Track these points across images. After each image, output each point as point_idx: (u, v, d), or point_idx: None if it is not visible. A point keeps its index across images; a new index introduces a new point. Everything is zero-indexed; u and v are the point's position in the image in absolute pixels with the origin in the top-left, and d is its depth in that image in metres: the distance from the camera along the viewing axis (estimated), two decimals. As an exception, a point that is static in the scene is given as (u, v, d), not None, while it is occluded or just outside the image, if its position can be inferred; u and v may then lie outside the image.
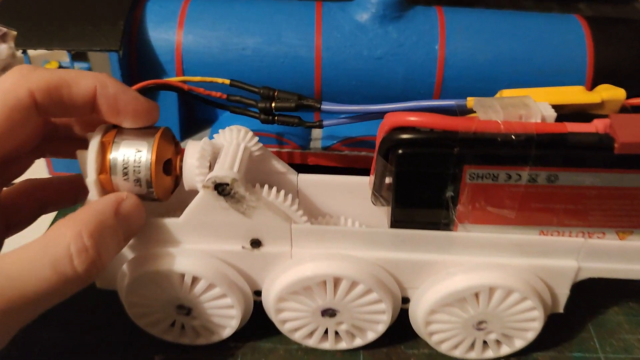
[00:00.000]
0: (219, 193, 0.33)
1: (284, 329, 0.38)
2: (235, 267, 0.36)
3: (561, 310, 0.37)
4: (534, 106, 0.32)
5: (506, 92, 0.34)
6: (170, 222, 0.35)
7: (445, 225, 0.34)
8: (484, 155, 0.31)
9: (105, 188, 0.34)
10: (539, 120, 0.31)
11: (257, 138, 0.36)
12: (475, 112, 0.33)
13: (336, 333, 0.38)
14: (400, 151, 0.31)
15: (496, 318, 0.36)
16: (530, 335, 0.37)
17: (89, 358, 0.38)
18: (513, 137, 0.31)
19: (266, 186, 0.34)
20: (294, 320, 0.37)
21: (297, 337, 0.38)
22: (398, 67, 0.44)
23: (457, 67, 0.44)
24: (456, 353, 0.38)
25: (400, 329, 0.38)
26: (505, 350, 0.38)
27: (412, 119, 0.31)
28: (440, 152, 0.31)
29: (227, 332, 0.38)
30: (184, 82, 0.38)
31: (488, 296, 0.35)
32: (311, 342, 0.38)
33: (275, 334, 0.38)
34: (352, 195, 0.38)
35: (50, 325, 0.40)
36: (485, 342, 0.38)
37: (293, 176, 0.38)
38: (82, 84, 0.32)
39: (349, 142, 0.46)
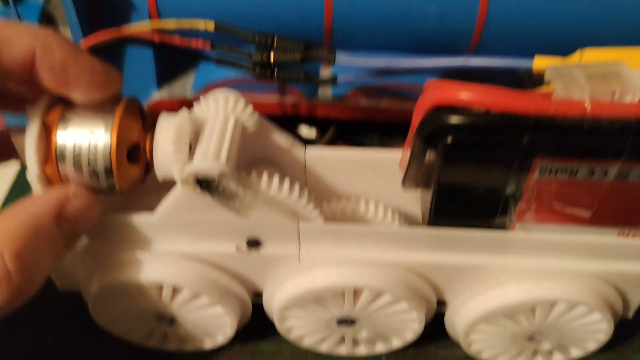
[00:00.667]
0: (203, 189, 0.25)
1: (291, 336, 0.31)
2: (228, 270, 0.28)
3: (630, 316, 0.30)
4: (630, 77, 0.23)
5: (590, 53, 0.25)
6: (141, 219, 0.27)
7: (500, 224, 0.26)
8: (563, 145, 0.23)
9: (53, 180, 0.26)
10: (637, 99, 0.23)
11: (251, 107, 0.27)
12: (543, 79, 0.24)
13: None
14: (449, 140, 0.23)
15: (554, 330, 0.29)
16: (592, 346, 0.30)
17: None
18: (604, 123, 0.22)
19: (265, 176, 0.26)
20: (302, 328, 0.30)
21: (306, 343, 0.31)
22: (430, 2, 0.34)
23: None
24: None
25: (431, 326, 0.31)
26: (557, 358, 0.31)
27: (466, 96, 0.23)
28: (505, 142, 0.23)
29: (219, 340, 0.31)
30: (156, 30, 0.29)
31: (547, 310, 0.27)
32: (324, 348, 0.32)
33: (280, 334, 0.31)
34: (373, 173, 0.30)
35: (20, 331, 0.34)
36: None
37: (299, 151, 0.30)
38: (16, 46, 0.23)
39: (366, 90, 0.37)
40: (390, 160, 0.29)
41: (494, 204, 0.26)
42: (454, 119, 0.23)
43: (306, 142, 0.30)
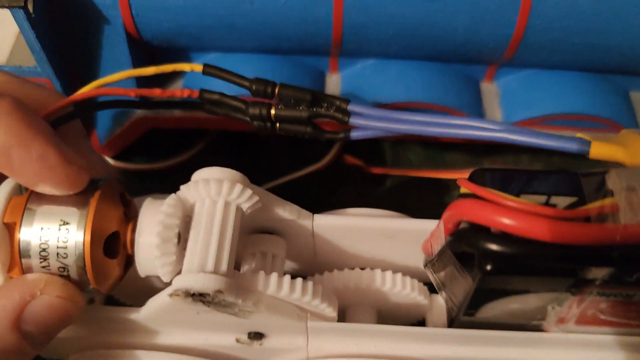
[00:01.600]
0: (196, 300, 0.21)
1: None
2: (226, 357, 0.25)
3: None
4: None
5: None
6: (126, 315, 0.24)
7: (534, 328, 0.23)
8: (625, 275, 0.19)
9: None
10: None
11: (249, 191, 0.23)
12: (604, 182, 0.20)
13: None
14: (489, 267, 0.19)
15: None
16: None
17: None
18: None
19: (272, 277, 0.22)
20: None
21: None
22: (459, 14, 0.28)
23: (549, 14, 0.29)
24: None
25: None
26: None
27: (508, 222, 0.18)
28: (556, 274, 0.19)
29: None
30: (133, 79, 0.24)
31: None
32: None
33: None
34: (390, 242, 0.26)
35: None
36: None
37: (306, 220, 0.26)
38: None
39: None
40: (411, 231, 0.25)
41: (531, 315, 0.22)
42: (496, 247, 0.19)
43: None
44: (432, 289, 0.27)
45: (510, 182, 0.20)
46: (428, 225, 0.24)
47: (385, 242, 0.26)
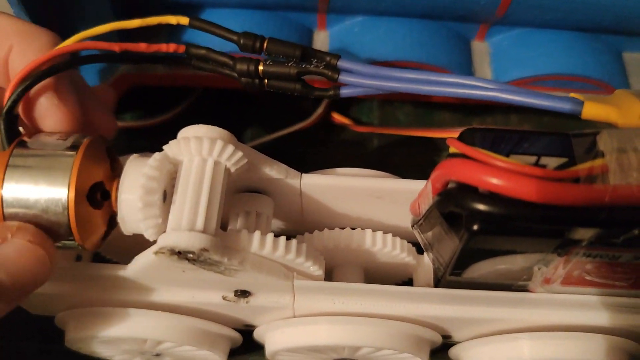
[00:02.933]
0: (181, 259, 0.21)
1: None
2: (213, 315, 0.25)
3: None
4: None
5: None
6: (113, 272, 0.23)
7: (520, 288, 0.23)
8: (613, 237, 0.19)
9: None
10: None
11: (236, 149, 0.22)
12: (595, 142, 0.20)
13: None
14: (476, 227, 0.19)
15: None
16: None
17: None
18: (667, 217, 0.18)
19: (257, 235, 0.22)
20: (296, 363, 0.28)
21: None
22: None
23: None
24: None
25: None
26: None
27: (497, 182, 0.18)
28: (543, 234, 0.19)
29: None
30: (116, 31, 0.23)
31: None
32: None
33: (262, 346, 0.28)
34: (376, 201, 0.26)
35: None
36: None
37: (294, 180, 0.25)
38: None
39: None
40: (399, 191, 0.25)
41: (516, 275, 0.22)
42: (483, 207, 0.19)
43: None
44: (419, 250, 0.27)
45: (500, 143, 0.20)
46: (416, 186, 0.24)
47: (374, 202, 0.26)
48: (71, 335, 0.25)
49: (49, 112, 0.22)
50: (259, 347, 0.29)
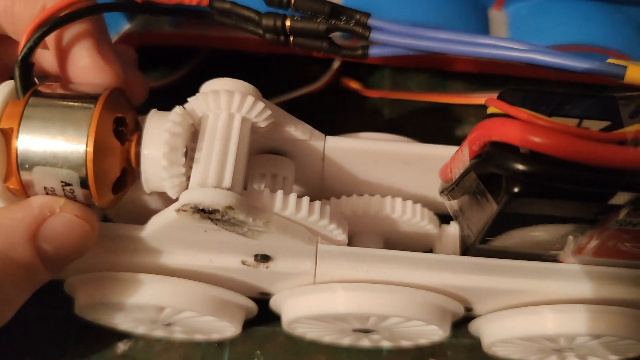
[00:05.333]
0: (204, 217, 0.20)
1: (304, 337, 0.28)
2: (231, 281, 0.25)
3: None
4: None
5: None
6: (128, 232, 0.22)
7: (550, 258, 0.23)
8: (655, 203, 0.19)
9: (19, 195, 0.21)
10: None
11: (262, 104, 0.21)
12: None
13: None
14: (516, 189, 0.18)
15: (585, 348, 0.26)
16: (632, 354, 0.27)
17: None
18: None
19: (285, 197, 0.21)
20: (313, 333, 0.27)
21: (323, 340, 0.28)
22: None
23: None
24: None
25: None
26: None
27: (540, 141, 0.17)
28: (585, 198, 0.19)
29: (227, 334, 0.28)
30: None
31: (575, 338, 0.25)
32: (344, 343, 0.29)
33: (275, 316, 0.27)
34: (401, 167, 0.25)
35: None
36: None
37: (318, 142, 0.24)
38: None
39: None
40: (428, 156, 0.24)
41: (549, 243, 0.21)
42: (526, 167, 0.18)
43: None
44: (442, 220, 0.27)
45: (541, 104, 0.19)
46: (447, 152, 0.23)
47: (399, 168, 0.25)
48: (82, 301, 0.24)
49: (93, 71, 0.22)
50: (274, 319, 0.28)
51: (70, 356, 0.28)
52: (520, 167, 0.18)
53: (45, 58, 0.24)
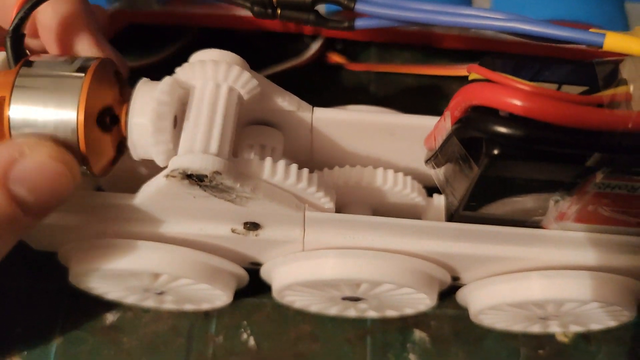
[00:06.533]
0: (192, 183, 0.21)
1: (292, 305, 0.29)
2: (221, 249, 0.25)
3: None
4: None
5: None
6: (120, 201, 0.23)
7: (533, 224, 0.23)
8: (633, 165, 0.19)
9: None
10: None
11: (248, 74, 0.22)
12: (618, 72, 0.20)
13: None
14: (496, 151, 0.19)
15: (569, 315, 0.27)
16: (612, 323, 0.28)
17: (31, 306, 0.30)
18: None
19: (273, 163, 0.22)
20: (302, 302, 0.28)
21: (310, 310, 0.29)
22: None
23: None
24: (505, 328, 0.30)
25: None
26: (574, 328, 0.29)
27: (519, 103, 0.18)
28: (561, 160, 0.19)
29: (218, 304, 0.29)
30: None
31: (561, 304, 0.25)
32: (331, 312, 0.29)
33: (263, 287, 0.28)
34: (391, 139, 0.26)
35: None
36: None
37: (306, 113, 0.25)
38: None
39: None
40: (412, 127, 0.25)
41: (531, 208, 0.22)
42: (505, 129, 0.18)
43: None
44: (429, 193, 0.27)
45: (521, 70, 0.20)
46: (431, 122, 0.23)
47: (385, 139, 0.26)
48: (78, 268, 0.25)
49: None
50: (261, 291, 0.29)
51: (60, 328, 0.29)
52: (499, 129, 0.18)
53: (35, 44, 0.24)
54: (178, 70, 0.22)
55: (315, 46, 0.34)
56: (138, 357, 0.28)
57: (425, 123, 0.24)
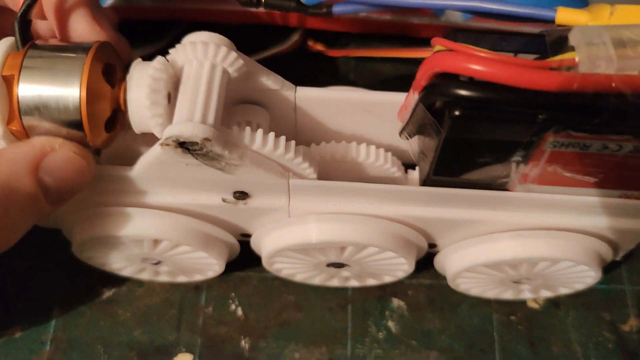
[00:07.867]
0: (185, 151, 0.23)
1: (279, 274, 0.30)
2: (213, 219, 0.27)
3: (619, 258, 0.30)
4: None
5: (622, 10, 0.22)
6: (118, 172, 0.25)
7: (500, 186, 0.25)
8: (581, 123, 0.21)
9: (20, 138, 0.23)
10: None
11: (235, 54, 0.24)
12: (567, 41, 0.22)
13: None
14: (457, 112, 0.21)
15: (540, 277, 0.29)
16: (580, 287, 0.30)
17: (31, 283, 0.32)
18: (630, 101, 0.20)
19: (258, 133, 0.24)
20: (290, 269, 0.30)
21: (295, 279, 0.31)
22: None
23: None
24: (479, 294, 0.32)
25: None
26: (544, 293, 0.31)
27: (477, 68, 0.20)
28: (518, 119, 0.21)
29: (210, 275, 0.31)
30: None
31: (533, 265, 0.27)
32: (315, 282, 0.31)
33: (250, 261, 0.31)
34: (368, 115, 0.28)
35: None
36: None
37: (289, 92, 0.27)
38: None
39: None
40: (387, 103, 0.27)
41: (495, 171, 0.24)
42: (465, 92, 0.21)
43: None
44: (405, 158, 0.29)
45: (481, 41, 0.22)
46: (403, 98, 0.26)
47: (364, 116, 0.28)
48: (82, 236, 0.27)
49: (90, 35, 0.24)
50: (248, 265, 0.31)
51: (59, 303, 0.31)
52: (460, 92, 0.21)
53: (42, 27, 0.26)
54: (171, 51, 0.24)
55: (296, 35, 0.36)
56: (133, 328, 0.31)
57: (400, 99, 0.26)
